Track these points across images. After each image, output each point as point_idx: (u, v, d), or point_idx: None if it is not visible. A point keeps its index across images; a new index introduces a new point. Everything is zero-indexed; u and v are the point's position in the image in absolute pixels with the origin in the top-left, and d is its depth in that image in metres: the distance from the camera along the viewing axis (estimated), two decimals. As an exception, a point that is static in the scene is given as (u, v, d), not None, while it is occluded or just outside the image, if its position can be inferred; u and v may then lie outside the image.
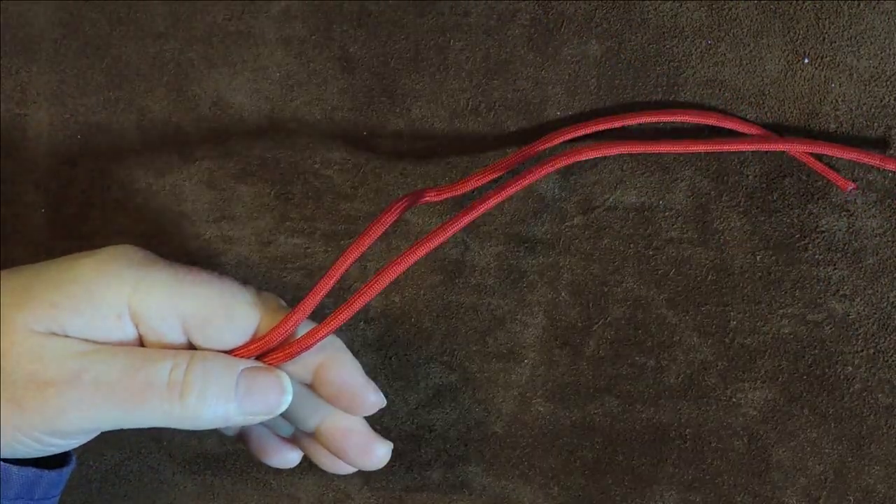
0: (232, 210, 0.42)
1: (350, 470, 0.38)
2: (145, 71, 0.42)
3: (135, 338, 0.34)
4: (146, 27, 0.42)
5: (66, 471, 0.36)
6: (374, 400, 0.35)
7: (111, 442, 0.44)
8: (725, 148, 0.38)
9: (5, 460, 0.33)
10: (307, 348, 0.34)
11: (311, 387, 0.36)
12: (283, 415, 0.36)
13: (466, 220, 0.36)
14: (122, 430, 0.44)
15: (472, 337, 0.41)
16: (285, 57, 0.41)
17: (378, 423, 0.42)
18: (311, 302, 0.34)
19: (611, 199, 0.40)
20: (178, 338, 0.34)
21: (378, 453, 0.36)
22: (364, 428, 0.37)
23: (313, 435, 0.37)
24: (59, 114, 0.43)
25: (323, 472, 0.42)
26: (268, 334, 0.34)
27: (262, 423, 0.38)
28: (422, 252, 0.35)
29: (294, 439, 0.39)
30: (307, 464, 0.43)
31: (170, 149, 0.42)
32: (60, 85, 0.43)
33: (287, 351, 0.34)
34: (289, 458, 0.39)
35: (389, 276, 0.35)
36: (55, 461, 0.36)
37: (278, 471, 0.43)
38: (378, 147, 0.41)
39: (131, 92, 0.43)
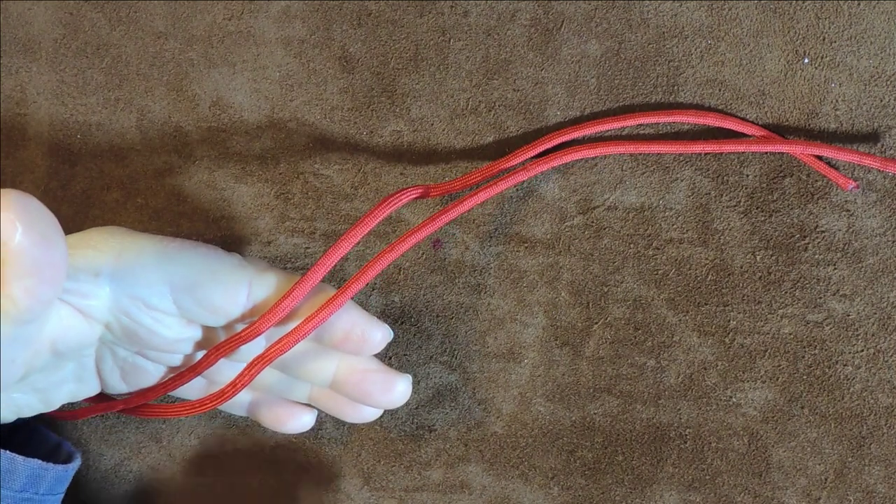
0: (232, 210, 0.42)
1: (375, 415, 0.38)
2: (145, 71, 0.42)
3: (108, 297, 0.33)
4: (146, 27, 0.42)
5: (72, 467, 0.36)
6: (382, 335, 0.35)
7: (111, 442, 0.44)
8: (726, 149, 0.37)
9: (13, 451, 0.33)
10: (299, 340, 0.34)
11: (316, 340, 0.36)
12: (299, 376, 0.37)
13: (456, 212, 0.36)
14: (122, 430, 0.44)
15: (472, 337, 0.41)
16: (285, 57, 0.41)
17: (378, 423, 0.42)
18: (303, 288, 0.34)
19: (611, 199, 0.40)
20: (167, 306, 0.34)
21: (399, 387, 0.36)
22: (379, 366, 0.37)
23: (331, 388, 0.37)
24: (59, 114, 0.43)
25: (323, 472, 0.42)
26: (257, 321, 0.34)
27: (279, 389, 0.38)
28: (413, 241, 0.35)
29: (309, 402, 0.39)
30: (307, 464, 0.43)
31: (170, 149, 0.42)
32: (60, 85, 0.43)
33: (278, 346, 0.34)
34: (304, 421, 0.39)
35: (383, 262, 0.35)
36: (61, 459, 0.37)
37: (278, 471, 0.43)
38: (378, 147, 0.41)
39: (131, 92, 0.42)
